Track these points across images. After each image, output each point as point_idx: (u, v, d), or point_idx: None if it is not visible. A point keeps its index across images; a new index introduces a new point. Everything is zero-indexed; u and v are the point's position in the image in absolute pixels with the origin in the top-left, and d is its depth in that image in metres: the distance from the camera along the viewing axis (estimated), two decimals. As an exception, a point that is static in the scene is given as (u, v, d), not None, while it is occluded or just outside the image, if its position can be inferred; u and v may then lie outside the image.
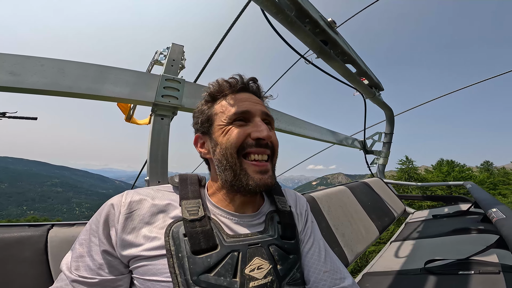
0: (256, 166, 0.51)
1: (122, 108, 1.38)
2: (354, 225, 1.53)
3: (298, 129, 1.89)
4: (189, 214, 0.48)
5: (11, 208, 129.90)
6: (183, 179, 0.56)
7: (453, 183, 2.54)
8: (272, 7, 1.14)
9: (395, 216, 2.08)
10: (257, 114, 0.55)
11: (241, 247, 0.47)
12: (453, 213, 2.00)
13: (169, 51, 1.04)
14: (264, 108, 0.58)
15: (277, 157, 0.57)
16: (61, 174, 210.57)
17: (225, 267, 0.44)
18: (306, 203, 0.70)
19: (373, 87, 2.33)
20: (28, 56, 0.71)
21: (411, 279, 1.06)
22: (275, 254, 0.50)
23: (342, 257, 1.22)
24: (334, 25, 1.55)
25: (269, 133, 0.52)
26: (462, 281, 0.93)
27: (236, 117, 0.53)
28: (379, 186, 2.39)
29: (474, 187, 1.98)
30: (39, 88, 0.70)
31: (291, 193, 0.71)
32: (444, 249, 1.35)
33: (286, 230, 0.56)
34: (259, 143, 0.52)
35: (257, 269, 0.46)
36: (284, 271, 0.49)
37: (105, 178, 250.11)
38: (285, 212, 0.59)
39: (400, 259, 1.34)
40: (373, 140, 3.13)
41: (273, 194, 0.63)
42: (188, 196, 0.52)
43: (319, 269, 0.55)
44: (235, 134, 0.52)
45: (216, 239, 0.47)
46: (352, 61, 1.84)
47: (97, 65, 0.82)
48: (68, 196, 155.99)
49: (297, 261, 0.53)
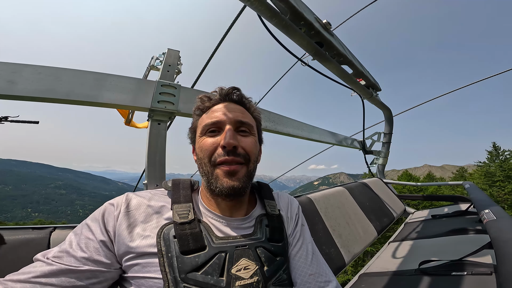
0: (224, 169, 0.52)
1: (121, 112, 1.41)
2: (351, 226, 1.54)
3: (297, 131, 1.90)
4: (179, 217, 0.51)
5: (16, 211, 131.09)
6: (176, 184, 0.59)
7: (452, 183, 2.53)
8: (267, 11, 1.16)
9: (394, 216, 2.08)
10: (227, 122, 0.56)
11: (229, 248, 0.50)
12: (452, 213, 2.00)
13: (165, 57, 1.06)
14: (242, 115, 0.58)
15: (254, 162, 0.57)
16: (65, 176, 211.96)
17: (213, 267, 0.47)
18: (298, 206, 0.71)
19: (370, 87, 2.34)
20: (26, 64, 0.73)
21: (406, 280, 1.07)
22: (262, 256, 0.52)
23: (338, 258, 1.23)
24: (329, 26, 1.56)
25: (231, 141, 0.52)
26: (454, 282, 0.93)
27: (208, 128, 0.56)
28: (378, 186, 2.39)
29: (472, 187, 1.98)
30: (37, 96, 0.72)
31: (284, 196, 0.72)
32: (440, 250, 1.35)
33: (274, 233, 0.58)
34: (226, 151, 0.53)
35: (244, 269, 0.48)
36: (270, 272, 0.51)
37: (108, 180, 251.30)
38: (273, 215, 0.61)
39: (397, 259, 1.35)
40: (372, 140, 3.13)
41: (263, 198, 0.65)
42: (180, 200, 0.55)
43: (305, 271, 0.56)
44: (206, 145, 0.54)
45: (205, 240, 0.49)
46: (348, 62, 1.85)
47: (93, 72, 0.84)
48: (71, 198, 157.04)
49: (284, 263, 0.55)
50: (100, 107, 0.89)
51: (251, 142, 0.57)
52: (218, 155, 0.53)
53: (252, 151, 0.56)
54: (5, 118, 0.81)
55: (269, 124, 1.69)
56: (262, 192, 0.67)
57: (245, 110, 0.62)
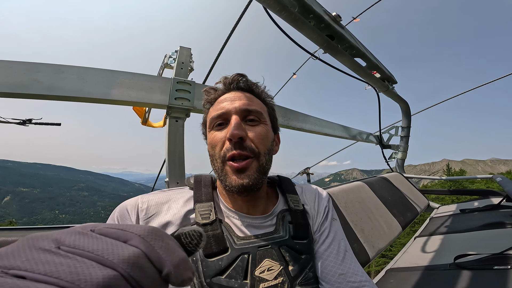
0: (233, 166, 0.49)
1: (138, 112, 1.44)
2: (374, 221, 1.47)
3: (309, 126, 1.86)
4: (201, 218, 0.49)
5: (45, 213, 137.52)
6: (198, 181, 0.57)
7: (481, 176, 2.39)
8: (275, 5, 1.15)
9: (418, 211, 1.98)
10: (232, 112, 0.51)
11: (251, 249, 0.48)
12: (483, 207, 1.88)
13: (178, 54, 1.07)
14: (248, 103, 0.53)
15: (265, 155, 0.52)
16: (86, 178, 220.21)
17: (236, 270, 0.45)
18: (328, 199, 0.64)
19: (385, 80, 2.26)
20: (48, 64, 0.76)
21: (439, 275, 1.00)
22: (286, 255, 0.49)
23: (362, 253, 1.17)
24: (339, 19, 1.53)
25: (236, 131, 0.47)
26: (498, 276, 0.86)
27: (215, 121, 0.53)
28: (399, 181, 2.29)
29: (505, 180, 1.85)
30: (62, 95, 0.75)
31: (310, 189, 0.66)
32: (476, 244, 1.27)
33: (298, 230, 0.54)
34: (232, 143, 0.49)
35: (267, 270, 0.46)
36: (296, 271, 0.49)
37: (125, 181, 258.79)
38: (297, 211, 0.57)
39: (427, 254, 1.27)
40: (389, 134, 3.02)
41: (285, 193, 0.61)
42: (202, 199, 0.52)
43: (334, 271, 0.52)
44: (215, 140, 0.51)
45: (227, 242, 0.47)
46: (361, 54, 1.80)
47: (111, 71, 0.87)
48: (93, 200, 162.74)
49: (309, 261, 0.52)
50: (119, 105, 0.91)
51: (261, 131, 0.52)
52: (227, 149, 0.49)
53: (261, 142, 0.51)
54: (29, 121, 0.85)
55: (281, 119, 1.67)
56: (283, 186, 0.63)
57: (253, 97, 0.56)
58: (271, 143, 0.55)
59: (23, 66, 0.70)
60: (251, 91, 0.57)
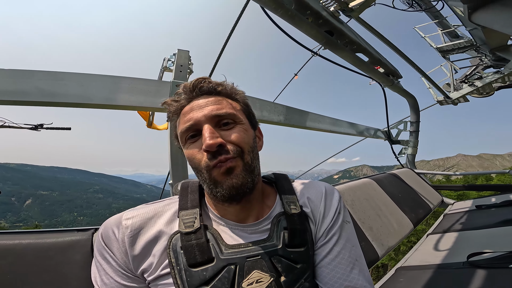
0: (220, 171, 0.45)
1: (142, 115, 1.48)
2: (383, 218, 1.43)
3: (311, 123, 1.85)
4: (184, 226, 0.47)
5: (65, 215, 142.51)
6: (184, 187, 0.54)
7: (496, 171, 2.28)
8: (271, 3, 1.15)
9: (431, 207, 1.91)
10: (202, 121, 0.47)
11: (238, 260, 0.45)
12: (501, 203, 1.79)
13: (176, 57, 1.09)
14: (217, 107, 0.49)
15: (249, 153, 0.49)
16: (100, 181, 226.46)
17: (221, 281, 0.42)
18: (339, 200, 0.57)
19: (390, 75, 2.21)
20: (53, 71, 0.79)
21: (452, 273, 0.95)
22: (279, 266, 0.46)
23: (371, 252, 1.14)
24: (338, 14, 1.50)
25: (211, 142, 0.44)
26: (514, 274, 0.81)
27: (186, 135, 0.48)
28: (410, 177, 2.22)
29: None
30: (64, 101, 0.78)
31: (318, 187, 0.59)
32: (492, 242, 1.20)
33: (294, 236, 0.49)
34: (212, 154, 0.45)
35: (256, 282, 0.43)
36: (288, 283, 0.45)
37: (137, 183, 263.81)
38: (294, 215, 0.51)
39: (439, 252, 1.21)
40: (398, 130, 2.93)
41: (281, 194, 0.55)
42: (187, 206, 0.50)
43: (340, 283, 0.48)
44: (192, 155, 0.48)
45: (212, 251, 0.45)
46: (363, 49, 1.77)
47: (112, 76, 0.89)
48: (108, 202, 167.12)
49: (306, 270, 0.48)
50: (122, 110, 0.94)
51: (239, 132, 0.48)
52: (209, 159, 0.46)
53: (242, 142, 0.48)
54: (40, 126, 0.88)
55: (284, 118, 1.66)
56: (278, 185, 0.58)
57: (221, 99, 0.51)
58: (253, 140, 0.52)
59: (24, 74, 0.73)
60: (218, 93, 0.52)
